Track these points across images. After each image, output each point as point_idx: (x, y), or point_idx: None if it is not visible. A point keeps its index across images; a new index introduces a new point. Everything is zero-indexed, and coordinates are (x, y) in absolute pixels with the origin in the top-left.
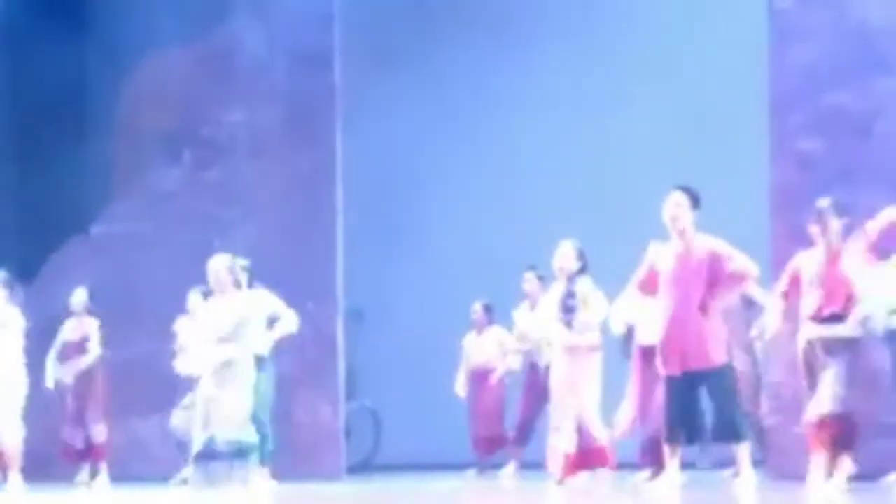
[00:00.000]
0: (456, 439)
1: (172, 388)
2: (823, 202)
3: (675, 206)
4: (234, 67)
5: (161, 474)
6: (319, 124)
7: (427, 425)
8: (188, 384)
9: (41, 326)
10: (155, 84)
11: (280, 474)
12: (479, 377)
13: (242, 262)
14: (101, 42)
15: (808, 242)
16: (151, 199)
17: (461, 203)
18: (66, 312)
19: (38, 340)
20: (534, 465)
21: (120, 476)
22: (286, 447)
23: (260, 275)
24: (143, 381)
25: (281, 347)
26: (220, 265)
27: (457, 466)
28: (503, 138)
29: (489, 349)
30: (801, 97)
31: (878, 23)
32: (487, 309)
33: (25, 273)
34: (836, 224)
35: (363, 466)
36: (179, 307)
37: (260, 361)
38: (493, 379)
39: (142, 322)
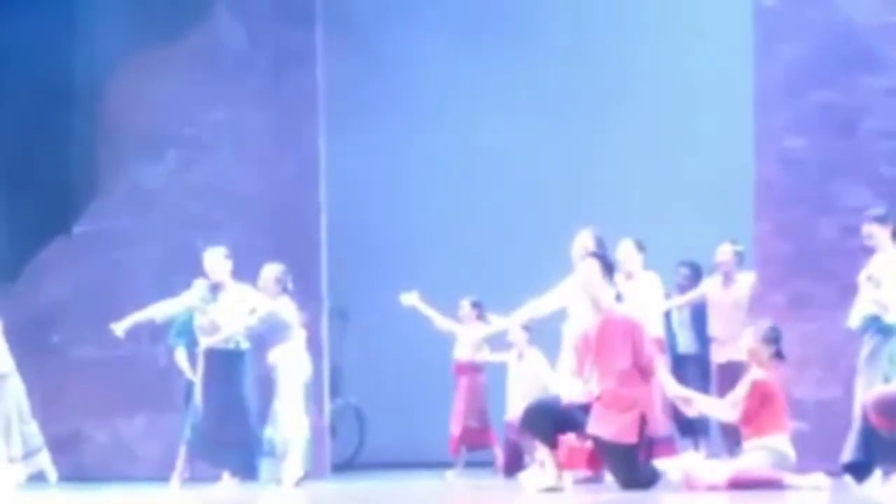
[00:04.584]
0: (440, 438)
1: (157, 388)
2: None
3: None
4: (217, 67)
5: (145, 474)
6: (303, 124)
7: (411, 424)
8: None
9: (26, 325)
10: (138, 83)
11: (265, 472)
12: (463, 372)
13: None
14: (85, 41)
15: (792, 240)
16: (135, 198)
17: (445, 202)
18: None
19: (22, 339)
20: None
21: (104, 475)
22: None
23: (244, 274)
24: (126, 380)
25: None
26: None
27: (441, 465)
28: (488, 137)
29: (473, 346)
30: (786, 95)
31: (864, 21)
32: (475, 305)
33: (9, 272)
34: None
35: (348, 465)
36: None
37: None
38: (477, 375)
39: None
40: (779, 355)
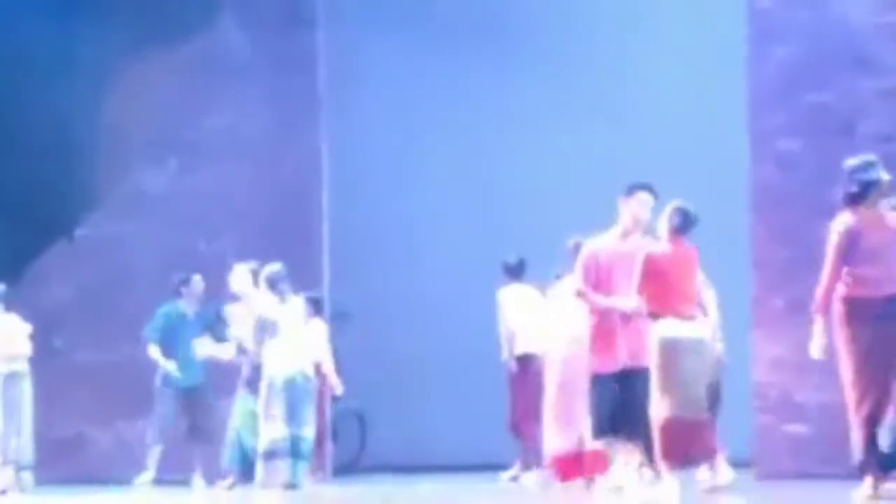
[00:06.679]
0: (442, 441)
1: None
2: None
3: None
4: (219, 71)
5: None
6: (304, 127)
7: (412, 427)
8: None
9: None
10: (141, 88)
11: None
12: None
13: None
14: (86, 45)
15: (788, 243)
16: (137, 202)
17: (446, 204)
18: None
19: None
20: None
21: (106, 478)
22: None
23: None
24: (127, 383)
25: None
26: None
27: (443, 468)
28: (489, 138)
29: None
30: (781, 97)
31: (859, 22)
32: (312, 301)
33: (10, 276)
34: None
35: (350, 468)
36: None
37: None
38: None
39: (127, 325)
40: (677, 231)
